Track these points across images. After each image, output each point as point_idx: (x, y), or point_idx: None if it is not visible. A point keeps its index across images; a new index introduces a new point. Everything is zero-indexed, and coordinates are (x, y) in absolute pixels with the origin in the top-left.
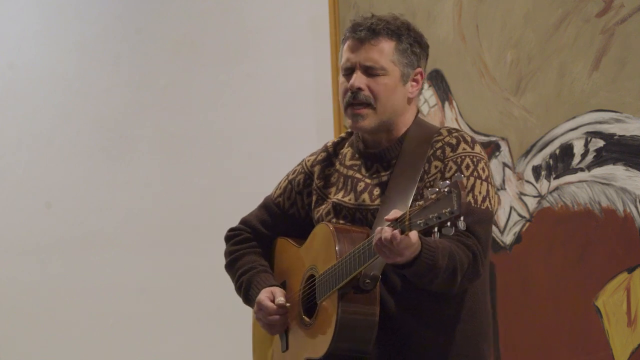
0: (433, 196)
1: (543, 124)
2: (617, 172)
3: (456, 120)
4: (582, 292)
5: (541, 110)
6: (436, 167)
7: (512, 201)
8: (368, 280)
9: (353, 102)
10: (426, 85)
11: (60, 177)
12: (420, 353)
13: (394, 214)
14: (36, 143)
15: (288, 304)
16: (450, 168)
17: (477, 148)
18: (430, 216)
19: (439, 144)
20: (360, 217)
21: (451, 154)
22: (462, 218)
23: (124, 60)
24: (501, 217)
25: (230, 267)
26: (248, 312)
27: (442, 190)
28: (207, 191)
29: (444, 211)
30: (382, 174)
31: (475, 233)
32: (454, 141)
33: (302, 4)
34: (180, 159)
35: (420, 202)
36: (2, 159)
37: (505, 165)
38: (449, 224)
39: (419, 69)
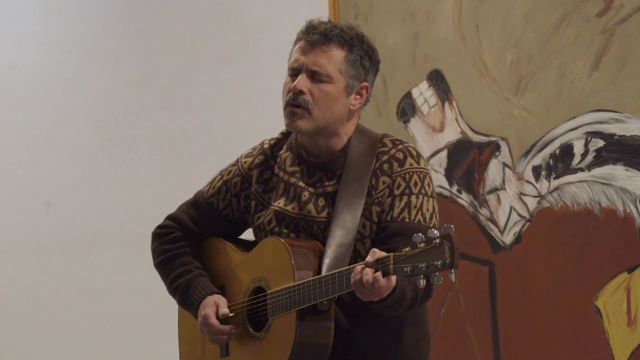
0: (422, 245)
1: (543, 124)
2: (617, 172)
3: (456, 120)
4: (582, 292)
5: (541, 110)
6: (384, 182)
7: (512, 201)
8: (325, 302)
9: (292, 103)
10: (426, 85)
11: (60, 177)
12: (371, 358)
13: (373, 254)
14: (36, 143)
15: (232, 314)
16: (399, 184)
17: (422, 162)
18: (420, 265)
19: (385, 157)
20: (304, 227)
21: (399, 169)
22: (453, 270)
23: (124, 60)
24: (501, 217)
25: (162, 267)
26: None
27: (433, 240)
28: None
29: (435, 263)
30: (327, 183)
31: None
32: (400, 155)
33: (302, 4)
34: (180, 159)
35: (407, 249)
36: (2, 159)
37: (505, 165)
38: (437, 273)
39: (365, 83)
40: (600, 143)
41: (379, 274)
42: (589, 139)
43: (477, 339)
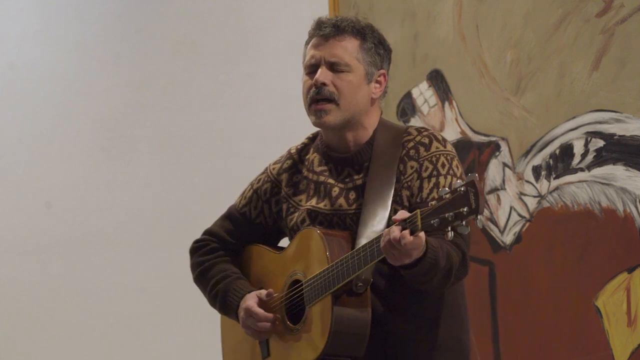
0: (447, 195)
1: (543, 124)
2: (617, 172)
3: (456, 120)
4: (582, 292)
5: (541, 110)
6: (412, 167)
7: (512, 201)
8: (360, 284)
9: (317, 98)
10: (426, 85)
11: (60, 177)
12: (406, 350)
13: (402, 214)
14: (36, 143)
15: (274, 294)
16: (427, 167)
17: (449, 146)
18: (447, 215)
19: (411, 144)
20: (337, 222)
21: (425, 153)
22: (479, 217)
23: (124, 60)
24: (501, 217)
25: (200, 278)
26: None
27: (457, 189)
28: (207, 191)
29: (461, 210)
30: (356, 177)
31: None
32: (426, 140)
33: (302, 4)
34: (180, 159)
35: (433, 203)
36: (2, 159)
37: (505, 165)
38: (464, 222)
39: (382, 71)
40: (600, 143)
41: (406, 231)
42: (589, 139)
43: (477, 339)
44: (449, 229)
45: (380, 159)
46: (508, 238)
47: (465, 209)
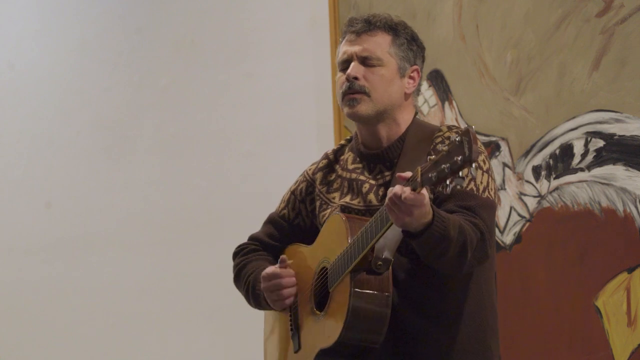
0: (445, 148)
1: (543, 124)
2: (617, 172)
3: (456, 120)
4: (582, 292)
5: (541, 110)
6: (449, 138)
7: (512, 201)
8: (380, 263)
9: (349, 92)
10: (426, 85)
11: (60, 177)
12: (423, 348)
13: (406, 173)
14: (36, 143)
15: (290, 261)
16: None
17: (478, 142)
18: (442, 166)
19: (439, 139)
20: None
21: None
22: (474, 165)
23: (124, 60)
24: (501, 217)
25: (237, 277)
26: (247, 311)
27: (452, 140)
28: (207, 191)
29: (455, 159)
30: (386, 173)
31: (480, 215)
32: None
33: (302, 4)
34: (180, 159)
35: (432, 157)
36: (2, 159)
37: (505, 165)
38: (461, 173)
39: (415, 66)
40: (600, 143)
41: (407, 187)
42: (589, 139)
43: None
44: (447, 182)
45: (409, 154)
46: (508, 238)
47: (459, 158)
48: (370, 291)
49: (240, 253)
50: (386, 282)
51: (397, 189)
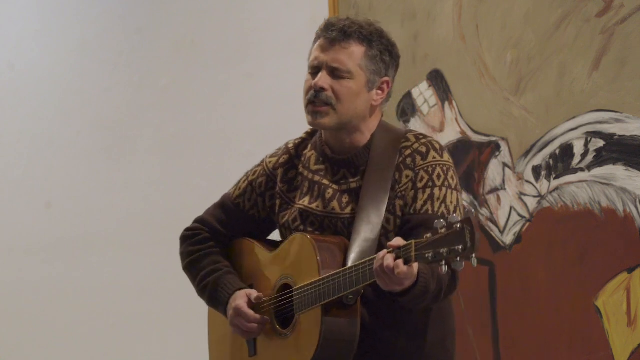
0: (442, 230)
1: (543, 124)
2: (617, 172)
3: (456, 120)
4: (582, 292)
5: (541, 110)
6: (407, 176)
7: (512, 201)
8: (351, 296)
9: (314, 101)
10: (426, 85)
11: (60, 177)
12: (391, 357)
13: (397, 241)
14: (36, 143)
15: (265, 298)
16: (422, 178)
17: (446, 155)
18: (441, 250)
19: (408, 152)
20: (329, 224)
21: (422, 163)
22: (474, 255)
23: (124, 60)
24: (501, 217)
25: (190, 268)
26: None
27: (454, 225)
28: (207, 191)
29: (456, 247)
30: (351, 180)
31: None
32: (423, 149)
33: (302, 4)
34: (180, 159)
35: (428, 235)
36: (2, 159)
37: (505, 165)
38: (458, 259)
39: (386, 78)
40: (600, 143)
41: (400, 260)
42: (589, 139)
43: (477, 339)
44: (443, 262)
45: (376, 164)
46: (508, 238)
47: (460, 247)
48: (341, 321)
49: (192, 240)
50: (355, 311)
51: (389, 260)
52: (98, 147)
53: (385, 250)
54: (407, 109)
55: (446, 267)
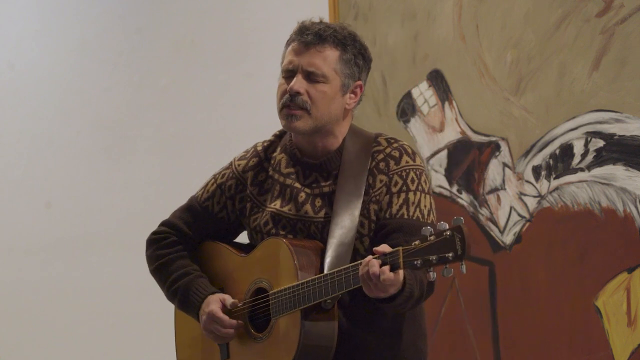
0: (432, 237)
1: (543, 124)
2: (617, 172)
3: (456, 120)
4: (582, 292)
5: (541, 110)
6: (381, 180)
7: (512, 201)
8: (329, 300)
9: (289, 105)
10: (426, 85)
11: (60, 177)
12: (367, 358)
13: (383, 248)
14: (36, 143)
15: (240, 304)
16: (396, 182)
17: (418, 159)
18: (430, 258)
19: (381, 156)
20: (302, 228)
21: (395, 167)
22: (463, 262)
23: (124, 60)
24: (501, 217)
25: (159, 271)
26: None
27: (443, 232)
28: None
29: (446, 255)
30: (323, 184)
31: None
32: (396, 154)
33: (302, 4)
34: (180, 159)
35: (416, 242)
36: (2, 159)
37: (505, 165)
38: (447, 266)
39: (359, 82)
40: (600, 143)
41: (386, 267)
42: (589, 139)
43: (477, 339)
44: (432, 269)
45: (349, 169)
46: (508, 238)
47: (450, 255)
48: (319, 324)
49: (159, 244)
50: (333, 315)
51: (375, 267)
52: (98, 147)
53: (370, 257)
54: (407, 109)
55: (434, 274)
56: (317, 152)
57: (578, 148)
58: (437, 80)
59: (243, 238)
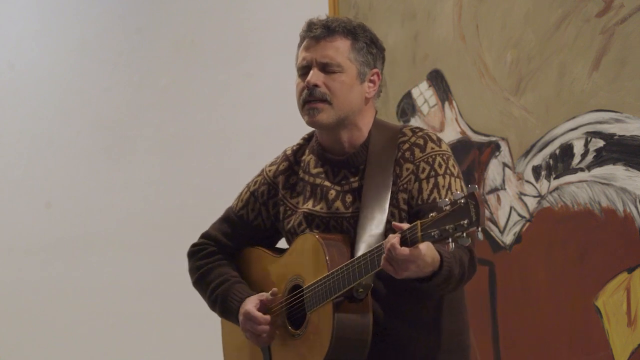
0: (447, 207)
1: (543, 124)
2: (617, 172)
3: (456, 120)
4: (582, 292)
5: (541, 110)
6: (407, 169)
7: (512, 201)
8: (361, 290)
9: (309, 99)
10: (426, 85)
11: (60, 177)
12: (407, 353)
13: (403, 224)
14: (36, 143)
15: (272, 303)
16: (424, 169)
17: (444, 145)
18: (447, 227)
19: (406, 146)
20: (334, 225)
21: (421, 155)
22: (480, 229)
23: (124, 60)
24: (501, 217)
25: (199, 282)
26: None
27: (457, 201)
28: (207, 191)
29: (461, 222)
30: (352, 180)
31: None
32: (421, 141)
33: (302, 4)
34: (180, 159)
35: (433, 214)
36: (2, 159)
37: (505, 165)
38: (464, 234)
39: (375, 70)
40: (600, 143)
41: (396, 240)
42: (589, 139)
43: (477, 339)
44: (450, 240)
45: (375, 161)
46: (508, 238)
47: (465, 222)
48: (352, 316)
49: (199, 255)
50: (366, 305)
51: (393, 241)
52: (98, 147)
53: (391, 235)
54: (407, 109)
55: (453, 244)
56: (343, 148)
57: (578, 148)
58: (437, 80)
59: (283, 245)
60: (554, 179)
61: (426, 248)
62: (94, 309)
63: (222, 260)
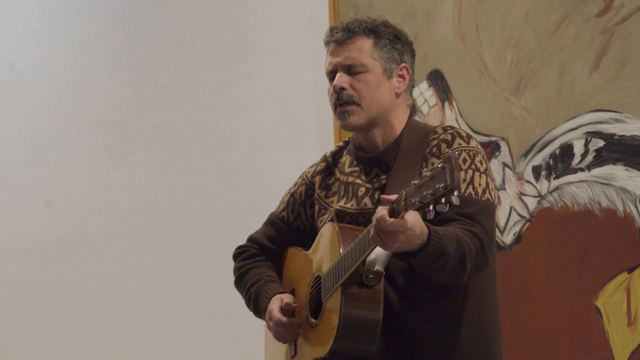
0: (428, 174)
1: (543, 124)
2: (617, 172)
3: (456, 120)
4: (582, 292)
5: (541, 110)
6: (432, 163)
7: (512, 201)
8: (371, 276)
9: (338, 103)
10: (426, 85)
11: (60, 177)
12: (426, 351)
13: (391, 196)
14: (36, 143)
15: (295, 304)
16: None
17: (473, 142)
18: (425, 193)
19: (435, 142)
20: (363, 222)
21: (447, 150)
22: (455, 192)
23: (124, 60)
24: (501, 217)
25: (238, 282)
26: (247, 312)
27: (436, 166)
28: (207, 191)
29: (437, 186)
30: (382, 177)
31: (479, 222)
32: (449, 137)
33: (302, 4)
34: (180, 159)
35: (416, 181)
36: (2, 159)
37: (505, 165)
38: (443, 200)
39: (403, 64)
40: (600, 143)
41: (385, 211)
42: (589, 139)
43: None
44: (431, 207)
45: (404, 158)
46: (508, 238)
47: (441, 186)
48: (361, 304)
49: (241, 256)
50: (377, 294)
51: (379, 213)
52: (98, 147)
53: (380, 207)
54: None
55: (433, 211)
56: (376, 146)
57: (578, 148)
58: (437, 80)
59: None
60: (554, 179)
61: (414, 219)
62: (94, 309)
63: (262, 262)
